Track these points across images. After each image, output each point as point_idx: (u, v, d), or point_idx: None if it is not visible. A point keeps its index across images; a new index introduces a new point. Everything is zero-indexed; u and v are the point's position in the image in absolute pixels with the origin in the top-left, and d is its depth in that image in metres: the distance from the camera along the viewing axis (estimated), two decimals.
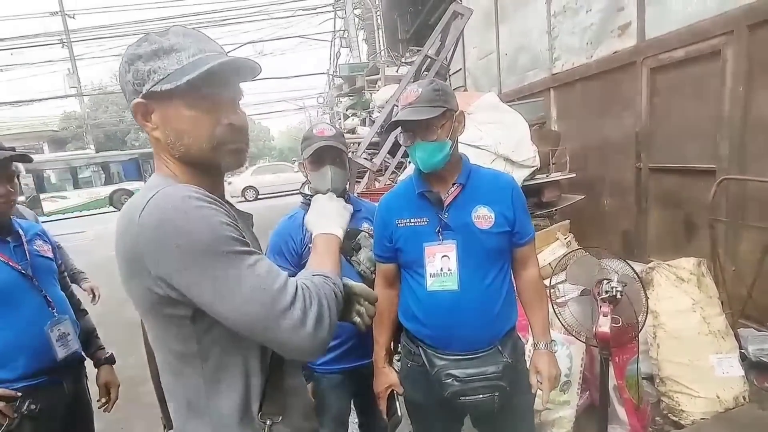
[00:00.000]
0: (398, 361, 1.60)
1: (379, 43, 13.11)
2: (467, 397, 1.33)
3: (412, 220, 1.39)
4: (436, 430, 1.54)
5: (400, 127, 1.37)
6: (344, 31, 14.56)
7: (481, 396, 1.33)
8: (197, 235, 0.71)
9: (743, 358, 2.39)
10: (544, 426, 2.17)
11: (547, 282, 2.83)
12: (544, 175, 3.59)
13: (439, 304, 1.36)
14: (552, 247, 2.99)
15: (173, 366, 0.84)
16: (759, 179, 2.45)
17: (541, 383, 1.42)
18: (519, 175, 3.33)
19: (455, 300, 1.34)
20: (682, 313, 2.29)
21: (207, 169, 0.85)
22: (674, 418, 2.23)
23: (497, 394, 1.33)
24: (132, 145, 26.07)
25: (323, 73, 23.38)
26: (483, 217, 1.35)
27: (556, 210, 3.70)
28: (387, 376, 1.52)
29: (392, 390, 1.53)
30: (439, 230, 1.35)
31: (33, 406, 1.45)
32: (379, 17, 12.94)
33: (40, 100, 19.76)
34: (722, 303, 2.44)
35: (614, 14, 3.69)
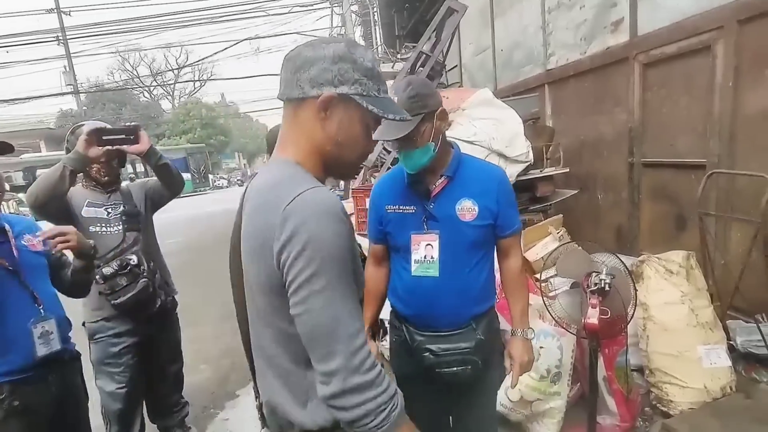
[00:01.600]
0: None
1: (376, 39, 13.10)
2: (442, 369, 1.48)
3: (401, 208, 1.47)
4: (422, 398, 1.63)
5: None
6: (341, 27, 14.53)
7: (455, 368, 1.46)
8: (331, 248, 0.80)
9: (732, 349, 2.44)
10: (535, 416, 2.21)
11: (539, 276, 2.88)
12: (538, 171, 3.62)
13: (421, 288, 1.46)
14: (544, 242, 3.03)
15: (279, 339, 0.91)
16: (747, 173, 2.48)
17: (512, 366, 1.53)
18: (513, 171, 3.36)
19: (436, 285, 1.44)
20: (671, 305, 2.33)
21: (331, 172, 0.97)
22: (663, 408, 2.27)
23: (469, 367, 1.46)
24: None
25: None
26: (467, 209, 1.42)
27: (550, 205, 3.74)
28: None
29: None
30: (425, 220, 1.43)
31: (15, 402, 1.45)
32: (376, 13, 12.93)
33: (37, 97, 19.69)
34: (711, 295, 2.48)
35: (607, 10, 3.71)
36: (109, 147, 1.82)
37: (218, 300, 4.92)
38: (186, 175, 22.14)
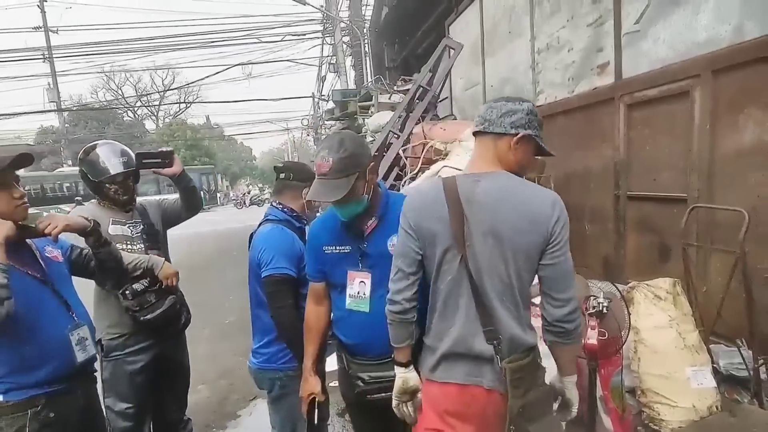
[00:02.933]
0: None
1: (367, 69, 13.52)
2: (372, 396, 1.59)
3: (338, 248, 1.61)
4: (363, 423, 1.79)
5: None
6: (332, 56, 14.96)
7: (383, 395, 1.53)
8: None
9: (715, 371, 2.60)
10: None
11: (536, 300, 3.01)
12: None
13: (354, 321, 1.61)
14: None
15: (522, 291, 1.38)
16: (725, 207, 2.70)
17: None
18: None
19: (366, 320, 1.58)
20: (660, 329, 2.49)
21: None
22: (655, 427, 2.40)
23: None
24: None
25: (309, 97, 23.81)
26: (388, 244, 1.56)
27: None
28: (311, 384, 1.76)
29: (314, 397, 1.77)
30: (360, 258, 1.58)
31: (51, 414, 1.49)
32: (367, 45, 13.39)
33: (20, 114, 19.42)
34: (695, 320, 2.66)
35: (594, 54, 4.01)
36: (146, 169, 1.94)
37: (212, 320, 4.92)
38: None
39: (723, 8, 2.80)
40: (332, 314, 1.72)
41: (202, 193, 28.00)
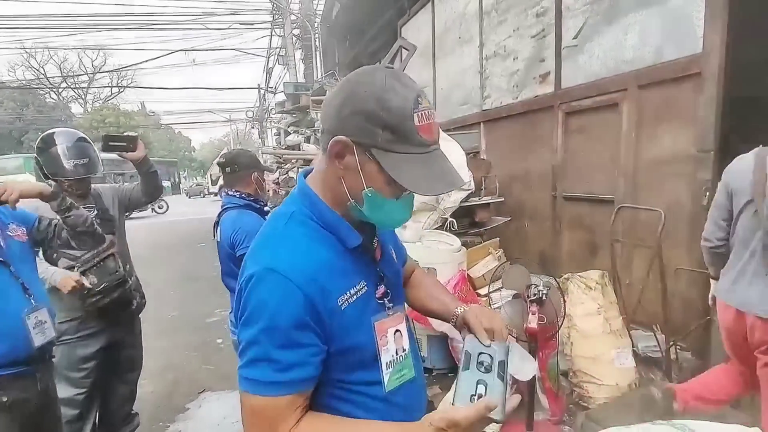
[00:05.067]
0: None
1: (317, 64, 13.41)
2: None
3: (352, 292, 0.87)
4: None
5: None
6: (281, 49, 14.67)
7: None
8: None
9: (634, 354, 2.92)
10: None
11: (482, 291, 3.22)
12: (477, 198, 4.05)
13: (401, 406, 0.93)
14: (485, 261, 3.40)
15: None
16: (645, 208, 3.04)
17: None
18: (457, 197, 3.75)
19: (415, 390, 0.97)
20: (590, 315, 2.76)
21: None
22: (584, 404, 2.67)
23: None
24: (30, 146, 23.59)
25: (255, 88, 23.15)
26: (395, 255, 1.07)
27: (486, 229, 4.16)
28: None
29: None
30: (384, 294, 0.94)
31: (5, 398, 1.44)
32: (317, 39, 13.28)
33: None
34: (620, 308, 2.97)
35: (536, 64, 4.31)
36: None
37: (153, 316, 4.72)
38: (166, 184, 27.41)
39: (646, 31, 3.15)
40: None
41: (169, 184, 29.33)
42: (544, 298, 2.32)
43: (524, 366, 1.18)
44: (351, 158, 0.80)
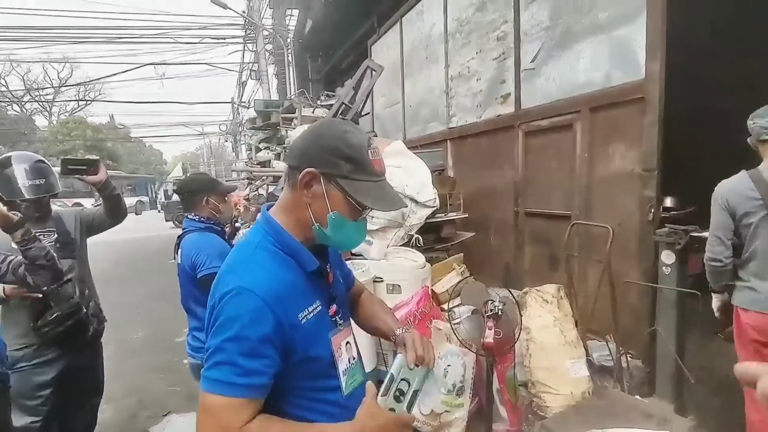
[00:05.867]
0: None
1: (290, 79, 13.48)
2: None
3: (309, 309, 1.01)
4: None
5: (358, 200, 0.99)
6: (254, 63, 14.69)
7: None
8: None
9: (590, 363, 3.06)
10: (442, 426, 2.55)
11: (445, 306, 3.31)
12: (443, 215, 4.16)
13: (354, 412, 0.99)
14: (449, 277, 3.50)
15: None
16: (596, 224, 3.21)
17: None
18: (422, 214, 3.85)
19: (363, 394, 1.03)
20: (546, 328, 2.89)
21: None
22: (541, 413, 2.77)
23: None
24: None
25: (228, 102, 23.01)
26: (340, 278, 1.24)
27: (452, 244, 4.28)
28: None
29: None
30: (335, 313, 1.10)
31: None
32: (290, 55, 13.37)
33: None
34: (576, 320, 3.11)
35: (498, 85, 4.50)
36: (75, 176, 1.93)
37: (118, 338, 4.62)
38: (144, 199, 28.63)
39: (596, 57, 3.35)
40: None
41: (146, 200, 28.55)
42: (500, 313, 2.42)
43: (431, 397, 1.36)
44: (318, 187, 0.98)
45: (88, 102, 34.69)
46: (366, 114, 7.94)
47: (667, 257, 2.59)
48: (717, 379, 3.08)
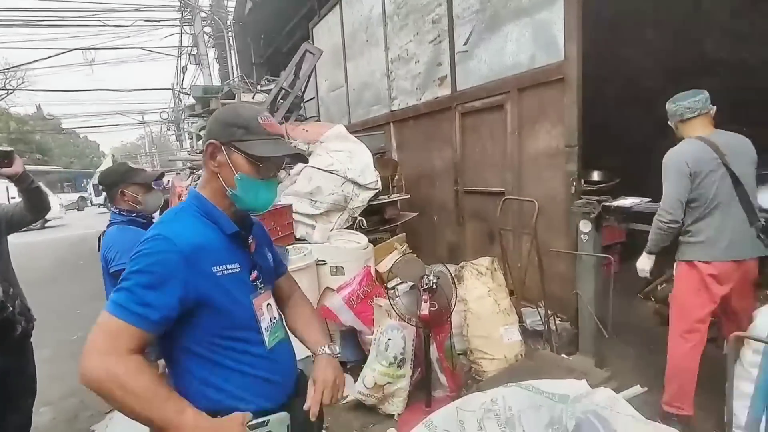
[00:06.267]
0: None
1: (232, 63, 13.02)
2: None
3: (229, 267, 1.11)
4: None
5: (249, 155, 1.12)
6: (193, 47, 14.03)
7: None
8: None
9: (524, 329, 3.28)
10: (386, 397, 2.68)
11: (389, 284, 3.43)
12: (386, 196, 4.26)
13: (280, 362, 1.23)
14: (391, 256, 3.61)
15: None
16: (523, 198, 3.42)
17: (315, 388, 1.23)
18: (365, 196, 3.93)
19: (287, 350, 1.28)
20: (482, 298, 3.06)
21: None
22: (479, 378, 2.97)
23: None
24: None
25: (168, 89, 21.89)
26: (269, 257, 1.36)
27: (396, 225, 4.40)
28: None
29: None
30: (256, 277, 1.21)
31: None
32: (231, 38, 12.88)
33: None
34: (512, 290, 3.32)
35: (435, 68, 4.60)
36: None
37: (55, 338, 4.42)
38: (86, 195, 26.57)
39: (522, 40, 3.51)
40: (227, 382, 1.11)
41: (87, 195, 26.52)
42: (435, 287, 2.55)
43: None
44: (221, 156, 1.13)
45: (10, 91, 31.84)
46: (311, 99, 7.86)
47: (584, 226, 2.81)
48: (635, 333, 3.41)
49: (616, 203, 2.68)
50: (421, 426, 1.59)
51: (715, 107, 2.28)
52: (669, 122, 2.40)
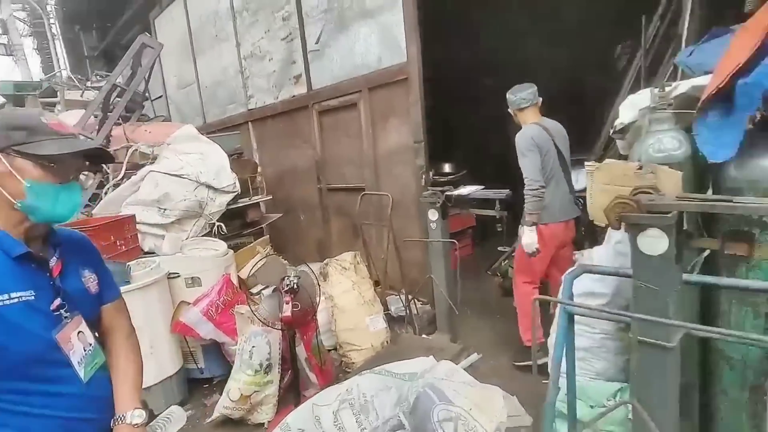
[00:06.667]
0: None
1: (58, 56, 11.19)
2: None
3: (14, 296, 0.96)
4: None
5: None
6: (4, 35, 11.71)
7: None
8: None
9: (390, 317, 3.46)
10: (254, 407, 2.59)
11: (254, 290, 3.31)
12: (247, 199, 4.09)
13: (99, 394, 1.11)
14: (254, 260, 3.48)
15: None
16: (382, 193, 3.60)
17: None
18: (222, 200, 3.72)
19: (104, 382, 1.15)
20: (346, 292, 3.14)
21: None
22: (348, 370, 3.04)
23: None
24: None
25: None
26: (90, 280, 1.18)
27: (260, 228, 4.26)
28: None
29: None
30: (59, 306, 1.04)
31: None
32: (54, 26, 11.05)
33: None
34: (376, 281, 3.46)
35: (290, 65, 4.55)
36: None
37: None
38: None
39: (369, 41, 3.67)
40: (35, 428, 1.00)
41: None
42: (296, 287, 2.53)
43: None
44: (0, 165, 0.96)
45: None
46: (159, 97, 7.16)
47: (432, 215, 3.06)
48: (483, 306, 3.84)
49: (456, 192, 2.98)
50: (276, 430, 1.58)
51: (541, 99, 2.73)
52: (509, 110, 2.79)
